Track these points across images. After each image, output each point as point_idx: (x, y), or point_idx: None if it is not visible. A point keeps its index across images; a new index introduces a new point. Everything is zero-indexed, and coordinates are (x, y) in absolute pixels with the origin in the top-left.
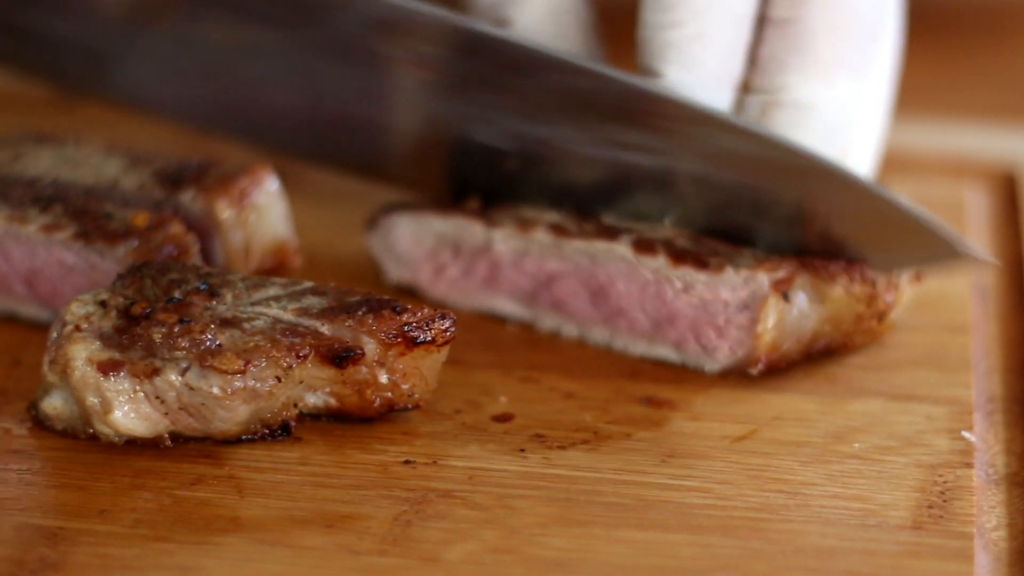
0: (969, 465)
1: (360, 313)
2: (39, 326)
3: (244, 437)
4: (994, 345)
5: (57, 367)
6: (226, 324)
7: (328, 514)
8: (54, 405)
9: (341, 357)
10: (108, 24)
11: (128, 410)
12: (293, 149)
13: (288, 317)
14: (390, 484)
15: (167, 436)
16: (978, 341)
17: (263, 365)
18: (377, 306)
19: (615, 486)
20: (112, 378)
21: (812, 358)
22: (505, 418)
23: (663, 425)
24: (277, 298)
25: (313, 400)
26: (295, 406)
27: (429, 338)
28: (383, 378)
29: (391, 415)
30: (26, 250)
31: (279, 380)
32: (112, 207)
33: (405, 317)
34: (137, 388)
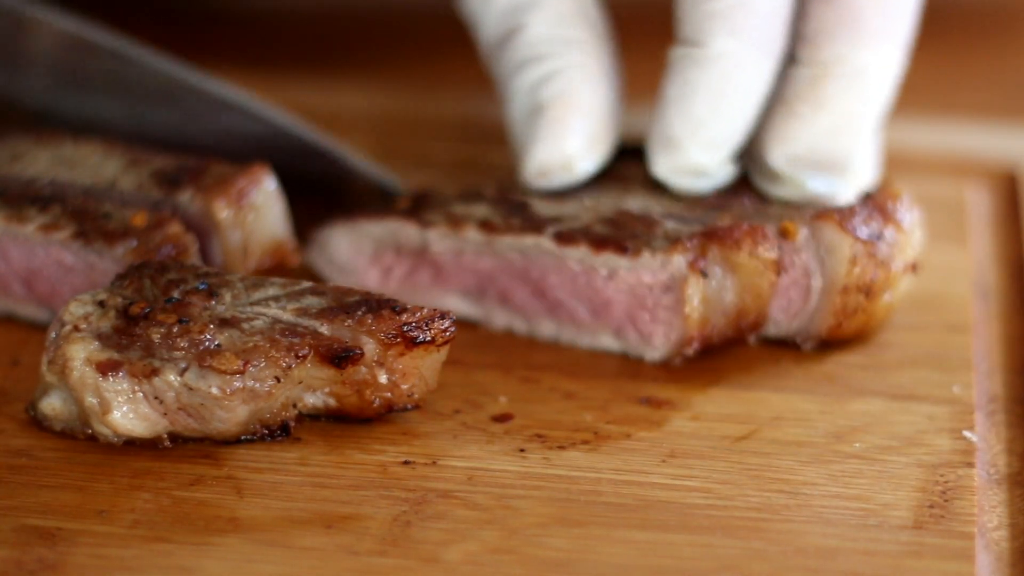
0: (970, 465)
1: (359, 313)
2: (37, 326)
3: (243, 437)
4: (995, 344)
5: (56, 367)
6: (225, 324)
7: (327, 514)
8: (53, 405)
9: (340, 357)
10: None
11: (127, 410)
12: None
13: (287, 317)
14: (389, 484)
15: (166, 436)
16: (979, 341)
17: (262, 365)
18: (376, 306)
19: (615, 486)
20: (111, 378)
21: (743, 334)
22: (505, 418)
23: (663, 425)
24: (276, 298)
25: (312, 400)
26: (294, 406)
27: (428, 338)
28: (382, 378)
29: (390, 415)
30: (24, 250)
31: (278, 380)
32: (110, 207)
33: (404, 317)
34: (136, 388)
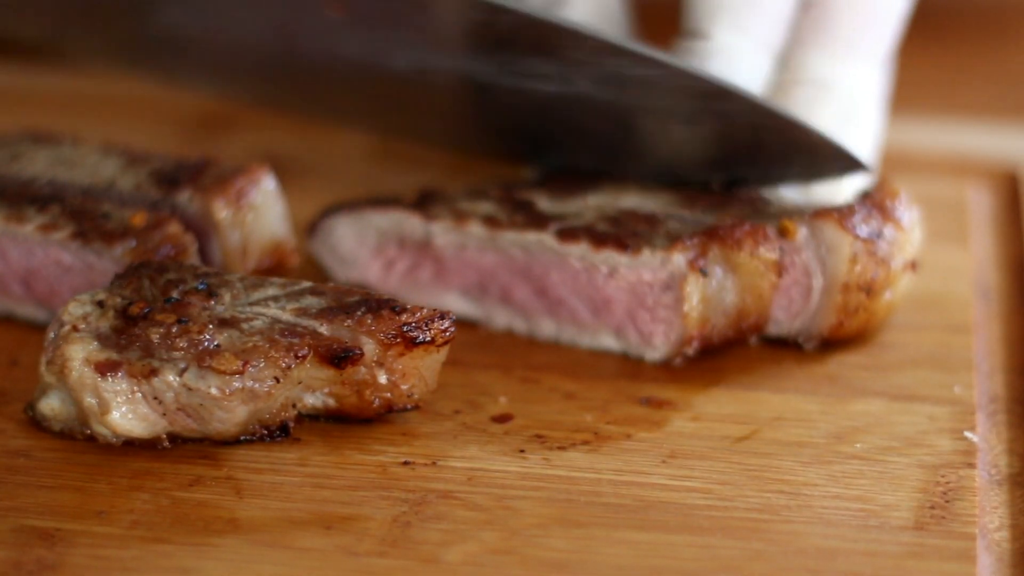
0: (972, 465)
1: (359, 313)
2: (36, 326)
3: (242, 438)
4: (997, 345)
5: (54, 367)
6: (224, 324)
7: (327, 515)
8: (51, 406)
9: (340, 357)
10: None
11: (126, 411)
12: (250, 93)
13: (286, 317)
14: (389, 485)
15: (165, 437)
16: (980, 341)
17: (261, 365)
18: (376, 306)
19: (615, 487)
20: (110, 378)
21: (743, 335)
22: (505, 418)
23: (663, 425)
24: (275, 298)
25: (312, 401)
26: (294, 407)
27: (428, 338)
28: (382, 378)
29: (390, 416)
30: (23, 250)
31: (277, 380)
32: (109, 207)
33: (404, 317)
34: (135, 389)
